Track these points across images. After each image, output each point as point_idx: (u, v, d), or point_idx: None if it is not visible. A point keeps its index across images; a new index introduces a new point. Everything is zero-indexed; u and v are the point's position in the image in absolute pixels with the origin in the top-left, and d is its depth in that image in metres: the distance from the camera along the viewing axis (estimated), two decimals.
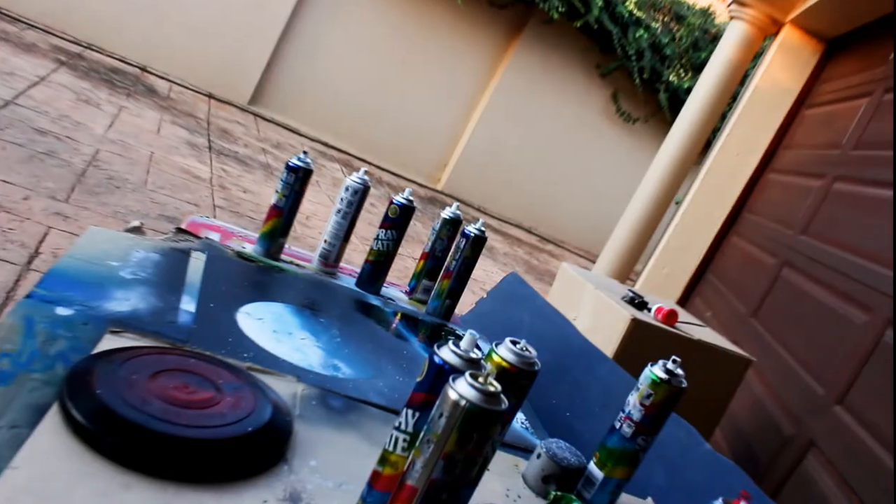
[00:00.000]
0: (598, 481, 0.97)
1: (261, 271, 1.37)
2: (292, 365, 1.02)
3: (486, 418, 0.62)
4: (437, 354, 0.69)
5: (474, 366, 0.69)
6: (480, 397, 0.62)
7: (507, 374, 0.75)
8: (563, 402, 1.62)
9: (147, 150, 3.59)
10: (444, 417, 0.62)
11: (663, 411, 0.94)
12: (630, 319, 2.10)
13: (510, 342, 0.76)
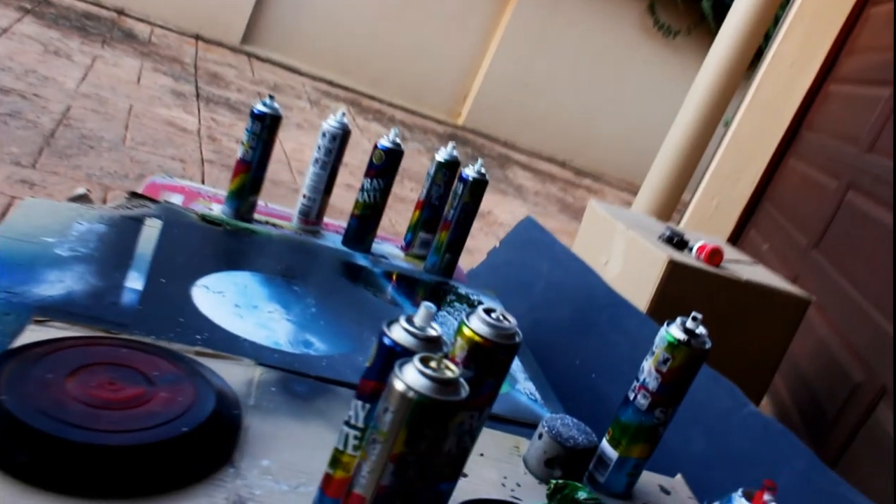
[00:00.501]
0: (611, 462, 0.91)
1: (228, 236, 1.32)
2: (254, 344, 0.98)
3: (439, 411, 0.56)
4: (387, 334, 0.63)
5: (432, 346, 0.63)
6: (432, 386, 0.56)
7: (482, 350, 0.68)
8: (587, 363, 1.56)
9: (125, 104, 3.55)
10: (389, 412, 0.57)
11: (684, 378, 0.87)
12: (667, 262, 2.02)
13: (483, 311, 0.70)
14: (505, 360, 0.70)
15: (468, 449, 0.74)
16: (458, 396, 0.57)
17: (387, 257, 1.51)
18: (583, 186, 6.26)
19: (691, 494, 0.98)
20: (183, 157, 3.14)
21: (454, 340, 0.70)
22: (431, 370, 0.57)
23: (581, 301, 1.65)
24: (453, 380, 0.57)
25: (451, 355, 0.70)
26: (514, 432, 1.00)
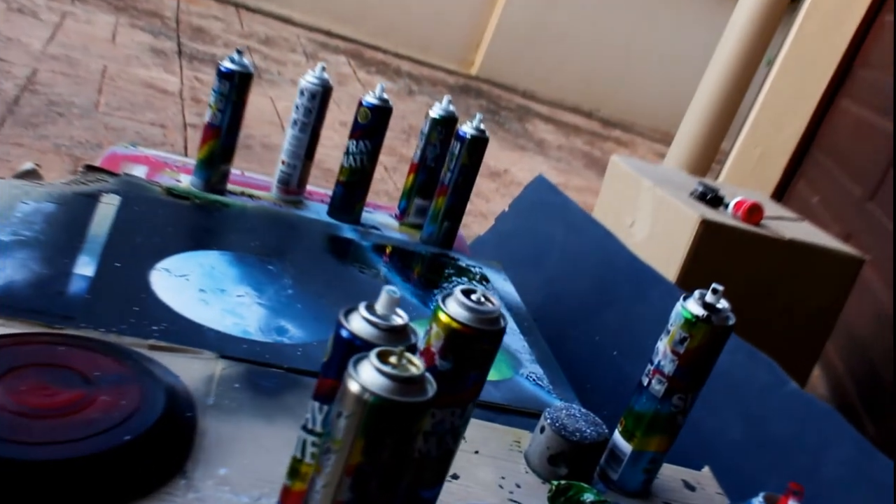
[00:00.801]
0: (625, 457, 0.88)
1: (195, 211, 1.29)
2: (218, 334, 0.95)
3: (401, 415, 0.52)
4: (344, 325, 0.59)
5: (398, 337, 0.60)
6: (392, 386, 0.52)
7: (462, 337, 0.65)
8: (607, 339, 1.53)
9: (98, 65, 3.52)
10: (343, 418, 0.53)
11: (705, 360, 0.83)
12: (699, 221, 1.98)
13: (462, 293, 0.66)
14: (488, 348, 0.67)
15: (452, 450, 0.70)
16: (424, 396, 0.53)
17: (379, 228, 1.48)
18: (611, 138, 6.18)
19: (720, 489, 0.95)
20: (164, 122, 3.11)
21: (429, 327, 0.66)
22: (391, 367, 0.53)
23: (600, 270, 1.61)
24: (417, 377, 0.53)
25: (426, 344, 0.66)
26: (518, 424, 0.96)
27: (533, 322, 1.28)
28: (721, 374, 1.33)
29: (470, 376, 0.67)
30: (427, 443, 0.68)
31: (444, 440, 0.69)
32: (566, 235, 1.71)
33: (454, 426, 0.69)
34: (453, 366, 0.66)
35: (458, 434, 0.70)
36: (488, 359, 0.67)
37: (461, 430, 0.70)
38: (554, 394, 1.08)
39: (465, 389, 0.67)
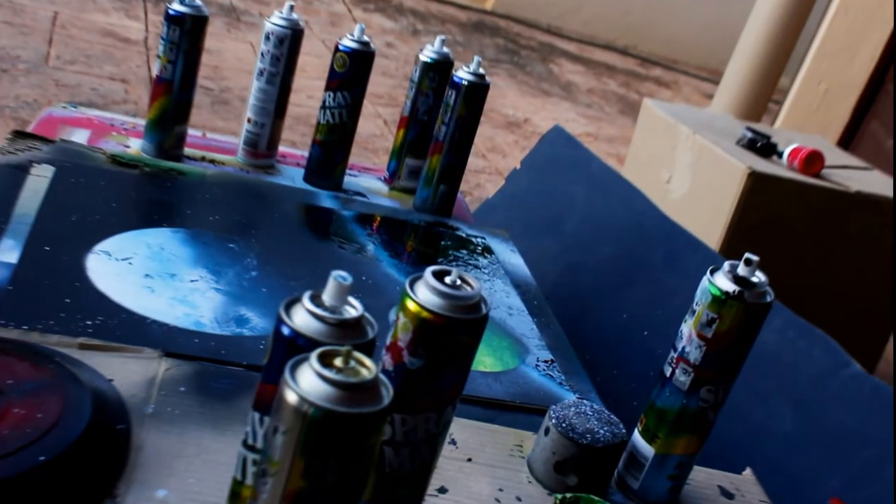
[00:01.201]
0: (647, 461, 0.85)
1: (145, 181, 1.26)
2: (165, 328, 0.93)
3: (348, 429, 0.50)
4: (285, 321, 0.57)
5: (350, 333, 0.57)
6: (336, 394, 0.49)
7: (434, 329, 0.62)
8: (637, 316, 1.50)
9: (48, 11, 3.50)
10: (280, 434, 0.50)
11: (738, 345, 0.80)
12: (746, 174, 1.95)
13: (433, 275, 0.63)
14: (468, 341, 0.64)
15: (429, 463, 0.68)
16: (377, 405, 0.50)
17: (364, 194, 1.45)
18: (651, 78, 6.09)
19: (764, 497, 0.92)
20: (125, 77, 3.09)
21: (395, 317, 0.63)
22: (335, 371, 0.50)
23: (628, 236, 1.58)
24: (368, 382, 0.50)
25: (393, 338, 0.63)
26: (522, 424, 0.94)
27: (544, 300, 1.25)
28: (768, 355, 1.31)
29: (447, 375, 0.64)
30: (398, 455, 0.66)
31: (419, 451, 0.66)
32: (587, 195, 1.68)
33: (430, 434, 0.66)
34: (426, 363, 0.63)
35: (437, 443, 0.67)
36: (468, 353, 0.65)
37: (440, 439, 0.67)
38: (567, 385, 1.05)
39: (442, 391, 0.65)
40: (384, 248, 1.27)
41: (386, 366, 0.65)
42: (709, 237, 1.92)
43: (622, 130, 4.53)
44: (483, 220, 1.79)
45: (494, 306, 1.18)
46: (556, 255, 1.65)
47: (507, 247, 1.39)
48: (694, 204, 2.06)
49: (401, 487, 0.68)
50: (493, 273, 1.28)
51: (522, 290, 1.26)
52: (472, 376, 1.00)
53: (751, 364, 1.32)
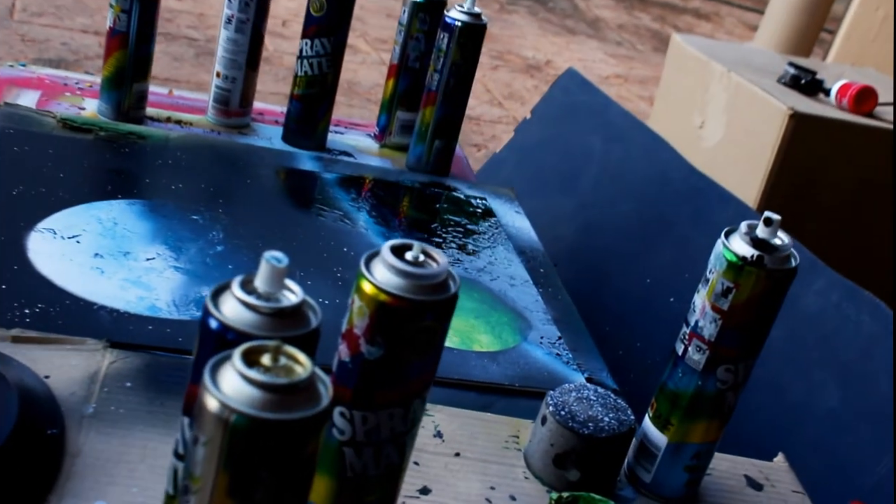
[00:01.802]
0: (659, 451, 0.82)
1: (100, 148, 1.23)
2: (114, 314, 0.90)
3: (278, 438, 0.46)
4: (212, 312, 0.53)
5: (289, 324, 0.54)
6: (262, 398, 0.46)
7: (394, 313, 0.59)
8: (661, 281, 1.46)
9: None
10: (201, 445, 0.47)
11: (758, 318, 0.76)
12: (787, 115, 1.90)
13: (391, 251, 0.59)
14: (434, 325, 0.60)
15: (398, 464, 0.65)
16: (312, 408, 0.47)
17: (351, 153, 1.42)
18: (689, 11, 5.99)
19: (797, 486, 0.89)
20: (99, 29, 3.06)
21: (350, 300, 0.60)
22: (262, 371, 0.47)
23: (651, 191, 1.54)
24: (301, 382, 0.47)
25: (348, 325, 0.60)
26: (521, 411, 0.91)
27: (553, 268, 1.21)
28: (809, 321, 1.27)
29: (412, 365, 0.61)
30: (361, 457, 0.63)
31: (385, 452, 0.63)
32: (605, 146, 1.64)
33: (397, 433, 0.63)
34: (386, 352, 0.60)
35: (406, 443, 0.65)
36: (436, 339, 0.61)
37: (409, 438, 0.65)
38: (574, 364, 1.02)
39: (407, 383, 0.62)
40: (371, 215, 1.23)
41: (342, 356, 0.62)
42: (746, 189, 1.88)
43: (656, 70, 4.45)
44: (489, 178, 1.75)
45: (494, 276, 1.15)
46: (571, 215, 1.61)
47: (512, 207, 1.36)
48: (730, 152, 2.01)
49: (366, 494, 0.65)
50: (494, 239, 1.24)
51: (527, 256, 1.23)
52: (465, 357, 0.98)
53: (788, 332, 1.28)
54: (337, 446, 0.63)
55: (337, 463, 0.64)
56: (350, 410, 0.62)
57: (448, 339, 0.99)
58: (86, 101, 1.36)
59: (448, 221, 1.27)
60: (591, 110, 1.72)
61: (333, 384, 0.63)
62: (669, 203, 1.51)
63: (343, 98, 3.26)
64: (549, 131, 1.78)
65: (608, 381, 1.01)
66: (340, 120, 1.53)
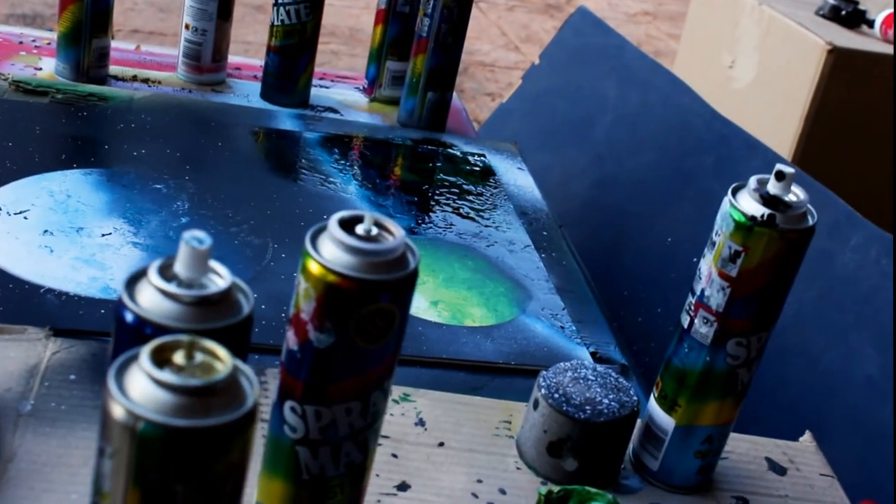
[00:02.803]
0: (666, 435, 0.78)
1: (56, 112, 1.21)
2: (62, 297, 0.88)
3: (193, 447, 0.44)
4: (126, 304, 0.50)
5: (215, 314, 0.51)
6: (173, 403, 0.43)
7: (343, 295, 0.55)
8: (684, 238, 1.42)
9: None
10: (108, 457, 0.45)
11: (772, 283, 0.72)
12: (826, 50, 1.84)
13: (339, 224, 0.56)
14: (390, 307, 0.57)
15: (361, 464, 0.62)
16: (233, 411, 0.44)
17: (338, 110, 1.39)
18: None
19: (826, 468, 0.85)
20: None
21: (297, 282, 0.57)
22: (173, 371, 0.44)
23: (671, 140, 1.51)
24: (218, 382, 0.44)
25: (295, 309, 0.57)
26: (516, 392, 0.88)
27: (557, 229, 1.17)
28: (845, 280, 1.23)
29: (369, 353, 0.58)
30: (317, 457, 0.60)
31: (343, 450, 0.60)
32: (621, 92, 1.60)
33: (356, 429, 0.60)
34: (337, 340, 0.57)
35: (367, 439, 0.61)
36: (394, 323, 0.58)
37: (371, 433, 0.62)
38: (578, 338, 0.98)
39: (363, 373, 0.58)
40: (356, 178, 1.20)
41: (290, 344, 0.59)
42: (780, 135, 1.83)
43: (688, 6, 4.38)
44: (496, 130, 1.72)
45: (491, 242, 1.11)
46: (584, 169, 1.57)
47: (514, 164, 1.32)
48: (762, 93, 1.96)
49: (326, 497, 0.62)
50: (492, 200, 1.21)
51: (529, 218, 1.19)
52: (455, 333, 0.94)
53: (822, 293, 1.24)
54: (290, 446, 0.60)
55: (291, 464, 0.61)
56: (301, 406, 0.59)
57: (437, 314, 0.97)
58: (43, 60, 1.33)
59: (442, 182, 1.23)
60: (604, 53, 1.68)
61: (282, 376, 0.60)
62: (691, 153, 1.47)
63: (345, 47, 3.23)
64: (559, 77, 1.74)
65: (616, 356, 0.97)
66: (326, 73, 1.50)
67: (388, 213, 1.13)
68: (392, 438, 0.79)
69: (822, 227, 1.28)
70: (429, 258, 1.06)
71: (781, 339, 1.25)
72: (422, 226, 1.13)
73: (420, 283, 1.00)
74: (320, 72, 1.46)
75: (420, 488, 0.75)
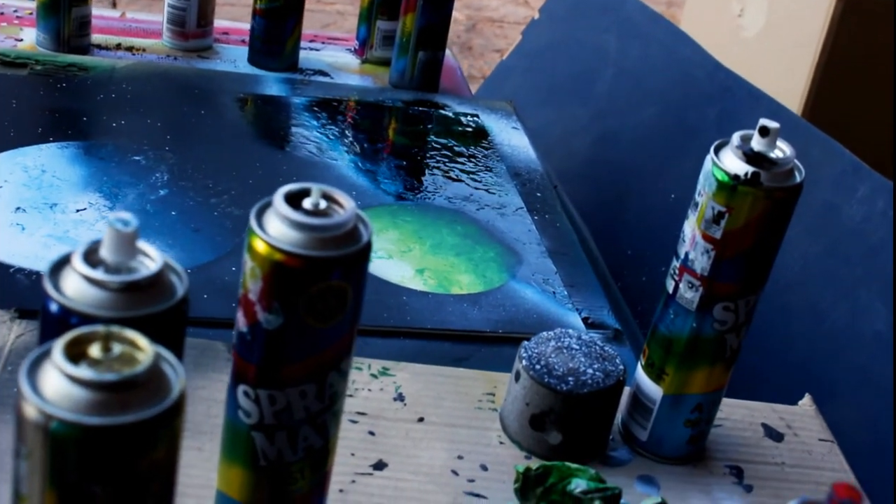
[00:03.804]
0: (654, 405, 0.75)
1: (34, 84, 1.18)
2: (31, 277, 0.86)
3: (110, 446, 0.41)
4: (51, 294, 0.47)
5: (150, 298, 0.48)
6: (88, 399, 0.40)
7: (291, 274, 0.52)
8: (686, 195, 1.38)
9: None
10: (23, 458, 0.42)
11: (759, 245, 0.69)
12: None
13: (285, 200, 0.53)
14: (341, 285, 0.54)
15: (322, 448, 0.59)
16: (155, 407, 0.41)
17: (328, 73, 1.35)
18: None
19: (825, 433, 0.82)
20: None
21: (243, 260, 0.54)
22: (88, 365, 0.41)
23: (673, 93, 1.46)
24: (137, 375, 0.41)
25: (242, 290, 0.54)
26: (503, 362, 0.84)
27: (552, 190, 1.14)
28: (852, 233, 1.19)
29: (322, 334, 0.55)
30: (273, 442, 0.57)
31: (301, 435, 0.57)
32: (621, 44, 1.55)
33: (313, 412, 0.57)
34: (287, 321, 0.53)
35: (327, 422, 0.59)
36: (347, 300, 0.55)
37: (330, 416, 0.59)
38: (570, 303, 0.95)
39: (317, 354, 0.55)
40: (343, 143, 1.16)
41: (240, 326, 0.56)
42: (792, 83, 1.78)
43: None
44: (496, 89, 1.68)
45: (481, 205, 1.08)
46: (586, 126, 1.53)
47: (509, 123, 1.28)
48: (773, 42, 1.91)
49: (287, 483, 0.59)
50: (484, 161, 1.17)
51: (523, 179, 1.15)
52: (441, 302, 0.91)
53: (828, 247, 1.20)
54: (246, 431, 0.57)
55: (248, 450, 0.58)
56: (255, 390, 0.56)
57: (423, 283, 0.94)
58: (24, 31, 1.30)
59: (433, 144, 1.20)
60: (605, 5, 1.63)
61: (235, 359, 0.57)
62: (694, 106, 1.43)
63: (351, 7, 3.18)
64: (559, 32, 1.69)
65: (609, 320, 0.94)
66: (317, 35, 1.46)
67: (376, 179, 1.10)
68: (369, 415, 0.76)
69: (826, 179, 1.24)
70: (416, 224, 1.02)
71: (786, 295, 1.21)
72: (410, 191, 1.10)
73: (406, 250, 0.98)
74: (310, 34, 1.42)
75: (397, 466, 0.72)
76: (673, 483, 0.75)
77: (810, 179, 1.25)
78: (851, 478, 0.78)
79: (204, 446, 0.70)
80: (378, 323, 0.87)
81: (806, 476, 0.77)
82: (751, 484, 0.76)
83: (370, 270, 0.88)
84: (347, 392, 0.76)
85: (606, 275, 1.05)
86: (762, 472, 0.77)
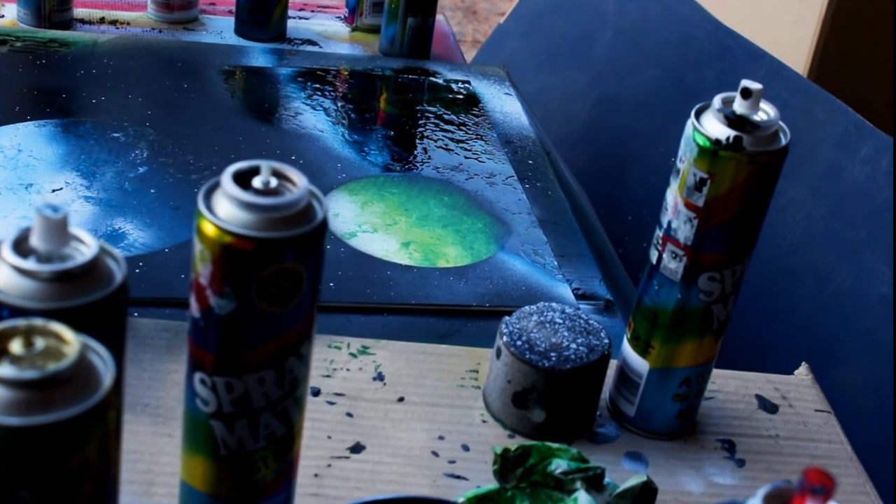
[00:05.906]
0: (641, 379, 0.73)
1: (13, 61, 1.15)
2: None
3: (31, 447, 0.39)
4: None
5: (84, 287, 0.45)
6: (8, 399, 0.38)
7: (242, 257, 0.50)
8: None
9: None
10: None
11: (744, 211, 0.66)
12: None
13: (233, 179, 0.50)
14: (295, 267, 0.51)
15: (285, 436, 0.57)
16: (80, 404, 0.39)
17: (317, 42, 1.32)
18: None
19: (821, 403, 0.79)
20: None
21: (192, 243, 0.52)
22: (8, 364, 0.39)
23: (672, 54, 1.43)
24: (61, 372, 0.39)
25: (194, 274, 0.52)
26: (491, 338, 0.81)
27: (545, 157, 1.11)
28: (855, 195, 1.15)
29: (278, 318, 0.53)
30: (233, 431, 0.55)
31: (262, 423, 0.55)
32: (620, 4, 1.51)
33: (273, 399, 0.55)
34: (239, 305, 0.51)
35: (288, 409, 0.56)
36: (302, 283, 0.52)
37: (292, 402, 0.56)
38: (560, 274, 0.92)
39: (274, 339, 0.53)
40: (329, 114, 1.14)
41: (193, 312, 0.53)
42: (798, 41, 1.74)
43: None
44: (493, 54, 1.64)
45: (469, 175, 1.05)
46: (586, 89, 1.50)
47: (502, 89, 1.25)
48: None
49: (251, 472, 0.57)
50: (475, 129, 1.14)
51: (514, 146, 1.12)
52: (426, 276, 0.89)
53: (831, 209, 1.17)
54: (205, 420, 0.55)
55: (208, 439, 0.56)
56: (211, 378, 0.54)
57: (408, 256, 0.92)
58: (5, 7, 1.28)
59: (422, 113, 1.17)
60: None
61: (190, 346, 0.55)
62: (693, 66, 1.39)
63: None
64: None
65: (600, 290, 0.91)
66: (307, 3, 1.43)
67: (363, 150, 1.07)
68: (347, 396, 0.74)
69: (829, 138, 1.21)
70: (402, 196, 1.00)
71: (790, 259, 1.18)
72: (398, 162, 1.07)
73: (391, 223, 0.95)
74: (299, 2, 1.39)
75: (375, 449, 0.70)
76: (662, 459, 0.72)
77: (813, 140, 1.22)
78: (848, 449, 0.76)
79: (175, 433, 0.67)
80: (361, 300, 0.85)
81: (800, 449, 0.75)
82: (743, 458, 0.74)
83: (354, 245, 0.87)
84: (325, 373, 0.74)
85: (602, 243, 1.03)
86: (755, 446, 0.75)
